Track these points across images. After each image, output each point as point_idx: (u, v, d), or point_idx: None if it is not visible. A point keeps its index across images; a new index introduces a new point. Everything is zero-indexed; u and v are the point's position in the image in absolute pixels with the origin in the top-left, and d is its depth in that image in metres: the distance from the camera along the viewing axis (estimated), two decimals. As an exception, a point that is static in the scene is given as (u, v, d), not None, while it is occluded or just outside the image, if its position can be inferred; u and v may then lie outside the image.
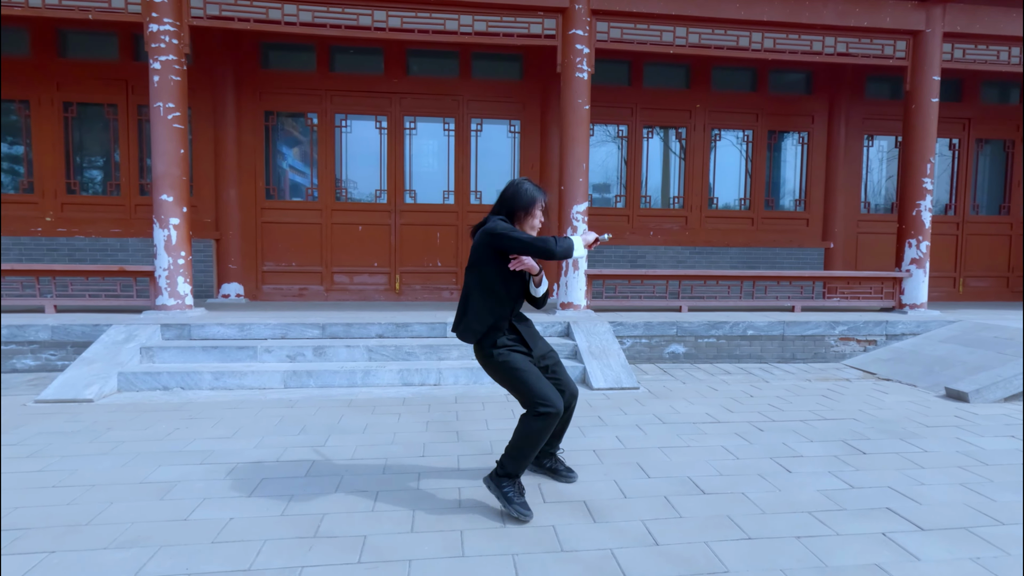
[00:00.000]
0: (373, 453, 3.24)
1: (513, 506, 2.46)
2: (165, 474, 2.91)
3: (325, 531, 2.37)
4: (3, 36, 6.88)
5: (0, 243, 6.94)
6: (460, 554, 2.20)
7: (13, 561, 2.11)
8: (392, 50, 7.45)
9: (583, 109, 6.15)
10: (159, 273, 5.70)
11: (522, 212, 2.58)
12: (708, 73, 8.03)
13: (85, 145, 7.22)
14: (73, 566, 2.09)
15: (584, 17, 6.05)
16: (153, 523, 2.41)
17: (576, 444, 3.42)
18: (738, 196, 8.31)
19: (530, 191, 2.59)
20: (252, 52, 7.25)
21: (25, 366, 5.08)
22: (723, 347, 5.91)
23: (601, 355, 5.15)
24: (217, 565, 2.11)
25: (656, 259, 8.07)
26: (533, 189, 2.60)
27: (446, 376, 4.85)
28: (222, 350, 4.93)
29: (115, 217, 7.17)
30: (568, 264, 6.19)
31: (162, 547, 2.23)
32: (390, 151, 7.58)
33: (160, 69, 5.58)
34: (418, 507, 2.58)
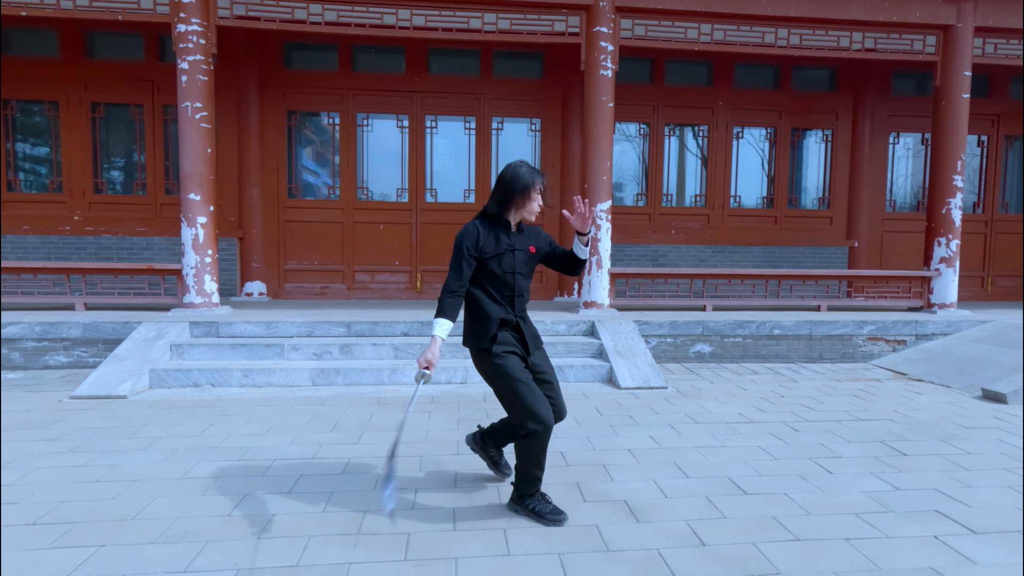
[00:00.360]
0: (408, 451, 3.23)
1: (546, 518, 2.40)
2: (204, 470, 2.93)
3: (368, 528, 2.37)
4: (33, 38, 6.99)
5: (27, 241, 7.05)
6: (505, 552, 2.19)
7: (65, 554, 2.14)
8: (414, 49, 7.46)
9: (607, 107, 6.11)
10: (187, 271, 5.75)
11: (519, 196, 2.44)
12: (731, 70, 7.95)
13: (112, 145, 7.31)
14: (124, 560, 2.10)
15: (608, 14, 6.01)
16: (197, 519, 2.42)
17: (610, 443, 3.39)
18: (761, 194, 8.23)
19: (526, 174, 2.44)
20: (275, 52, 7.29)
21: (57, 363, 5.15)
22: (749, 347, 5.85)
23: (627, 354, 5.11)
24: (265, 561, 2.12)
25: (678, 258, 8.01)
26: (529, 172, 2.45)
27: (472, 374, 4.84)
28: (250, 348, 4.97)
29: (141, 216, 7.25)
30: (592, 262, 6.16)
31: (208, 543, 2.24)
32: (411, 150, 7.60)
33: (188, 69, 5.63)
34: (458, 505, 2.58)
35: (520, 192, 2.44)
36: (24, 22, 6.85)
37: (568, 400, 4.34)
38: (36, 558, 2.11)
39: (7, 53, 6.98)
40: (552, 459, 3.13)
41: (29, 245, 7.06)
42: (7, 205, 7.07)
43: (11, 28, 6.95)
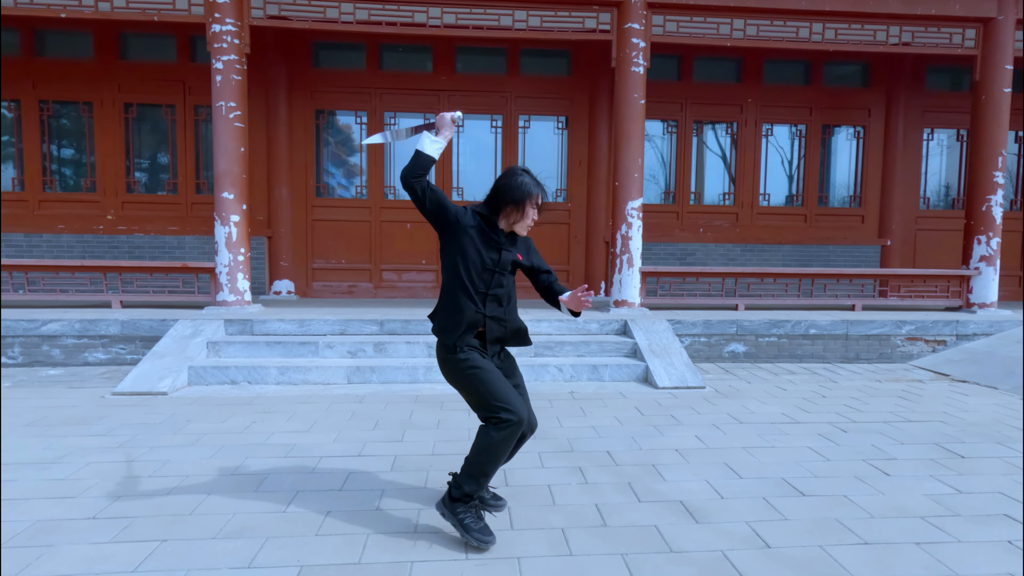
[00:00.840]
0: (453, 449, 3.21)
1: (472, 534, 2.14)
2: (254, 466, 2.94)
3: (424, 526, 2.35)
4: (68, 40, 7.10)
5: (62, 240, 7.16)
6: (567, 552, 2.16)
7: (129, 548, 2.14)
8: (441, 47, 7.46)
9: (638, 104, 6.05)
10: (220, 270, 5.79)
11: (512, 207, 2.20)
12: (760, 67, 7.85)
13: (144, 145, 7.40)
14: (187, 554, 2.11)
15: (640, 11, 5.95)
16: (253, 515, 2.42)
17: (656, 443, 3.35)
18: (790, 192, 8.11)
19: (525, 184, 2.20)
20: (304, 51, 7.33)
21: (96, 359, 5.21)
22: (784, 346, 5.76)
23: (663, 353, 5.05)
24: (326, 558, 2.10)
25: (706, 256, 7.92)
26: (530, 183, 2.21)
27: (507, 373, 4.81)
28: (285, 345, 4.99)
29: (172, 215, 7.33)
30: (623, 261, 6.11)
31: (268, 539, 2.23)
32: (438, 149, 7.58)
33: (222, 69, 5.67)
34: (512, 503, 2.55)
35: (514, 203, 2.20)
36: (60, 24, 6.96)
37: (606, 399, 4.30)
38: (101, 552, 2.12)
39: (43, 55, 7.10)
40: (600, 459, 3.10)
41: (64, 244, 7.17)
42: (43, 204, 7.19)
43: (46, 31, 7.07)
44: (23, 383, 4.61)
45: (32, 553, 2.11)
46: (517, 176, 2.23)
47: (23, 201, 7.17)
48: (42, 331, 5.14)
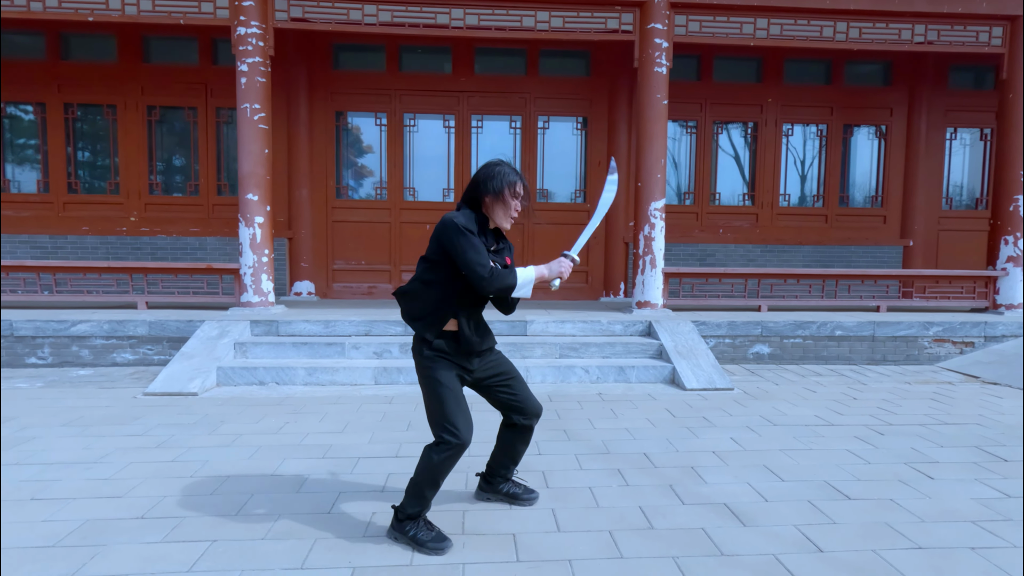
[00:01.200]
0: (487, 450, 3.20)
1: (426, 546, 2.12)
2: (293, 467, 2.95)
3: (471, 527, 2.35)
4: (92, 44, 7.17)
5: (86, 242, 7.24)
6: (618, 555, 2.14)
7: (181, 548, 2.15)
8: (460, 49, 7.46)
9: (661, 104, 6.03)
10: (244, 271, 5.83)
11: (490, 197, 2.14)
12: (780, 66, 7.79)
13: (166, 147, 7.46)
14: (239, 555, 2.11)
15: (663, 11, 5.93)
16: (299, 515, 2.43)
17: (691, 445, 3.33)
18: (811, 192, 8.05)
19: (503, 173, 2.14)
20: (325, 53, 7.36)
21: (124, 360, 5.25)
22: (809, 348, 5.71)
23: (689, 355, 5.03)
24: (376, 559, 2.10)
25: (726, 257, 7.87)
26: (509, 171, 2.16)
27: (533, 374, 4.81)
28: (311, 346, 5.01)
29: (194, 217, 7.38)
30: (646, 261, 6.08)
31: (317, 540, 2.23)
32: (457, 150, 7.60)
33: (247, 71, 5.71)
34: (556, 505, 2.54)
35: (492, 192, 2.13)
36: (84, 28, 7.03)
37: (635, 401, 4.28)
38: (155, 551, 2.13)
39: (67, 59, 7.17)
40: (637, 460, 3.08)
41: (88, 245, 7.24)
42: (67, 206, 7.26)
43: (71, 34, 7.14)
44: (55, 383, 4.65)
45: (86, 552, 2.12)
46: (495, 166, 2.18)
47: (48, 203, 7.24)
48: (72, 332, 5.19)
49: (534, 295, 7.49)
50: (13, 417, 3.73)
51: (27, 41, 7.16)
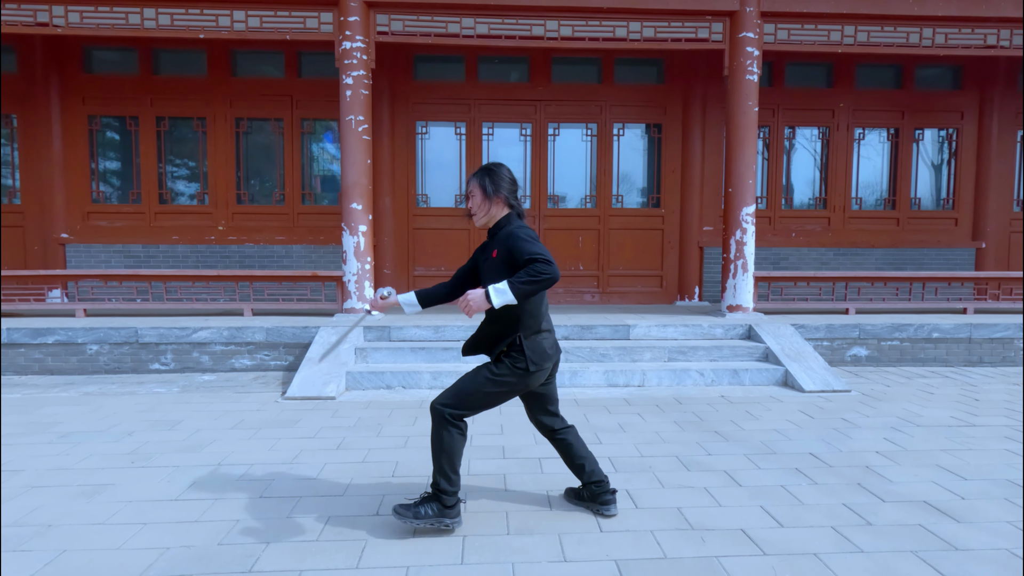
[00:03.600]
0: (658, 451, 3.32)
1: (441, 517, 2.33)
2: (484, 467, 3.07)
3: (698, 524, 2.45)
4: (183, 59, 7.39)
5: (177, 251, 7.44)
6: (857, 549, 2.24)
7: (445, 542, 2.28)
8: (538, 58, 7.61)
9: (752, 112, 6.13)
10: (348, 278, 5.99)
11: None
12: (852, 71, 7.87)
13: (252, 158, 7.66)
14: (488, 549, 2.24)
15: (755, 20, 6.04)
16: (533, 511, 2.55)
17: (849, 445, 3.42)
18: (882, 196, 8.10)
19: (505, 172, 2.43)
20: (405, 64, 7.53)
21: (243, 365, 5.42)
22: (906, 350, 5.78)
23: (797, 357, 5.11)
24: (631, 553, 2.22)
25: (799, 260, 7.94)
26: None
27: (649, 377, 4.91)
28: (428, 351, 5.15)
29: (279, 225, 7.57)
30: (738, 266, 6.18)
31: (562, 534, 2.36)
32: (534, 157, 7.74)
33: (352, 84, 5.88)
34: (764, 502, 2.64)
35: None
36: (176, 44, 7.26)
37: (762, 403, 4.37)
38: (420, 546, 2.26)
39: (159, 74, 7.40)
40: (806, 460, 3.18)
41: (179, 254, 7.45)
42: (158, 216, 7.48)
43: (162, 50, 7.37)
44: (188, 388, 4.82)
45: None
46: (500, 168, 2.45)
47: (140, 213, 7.46)
48: (193, 338, 5.36)
49: (619, 299, 7.37)
50: (179, 421, 3.89)
51: (117, 57, 7.40)
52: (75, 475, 2.96)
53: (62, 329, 5.28)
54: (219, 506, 2.61)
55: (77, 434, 3.60)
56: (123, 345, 5.35)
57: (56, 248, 7.33)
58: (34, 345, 5.28)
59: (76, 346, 5.32)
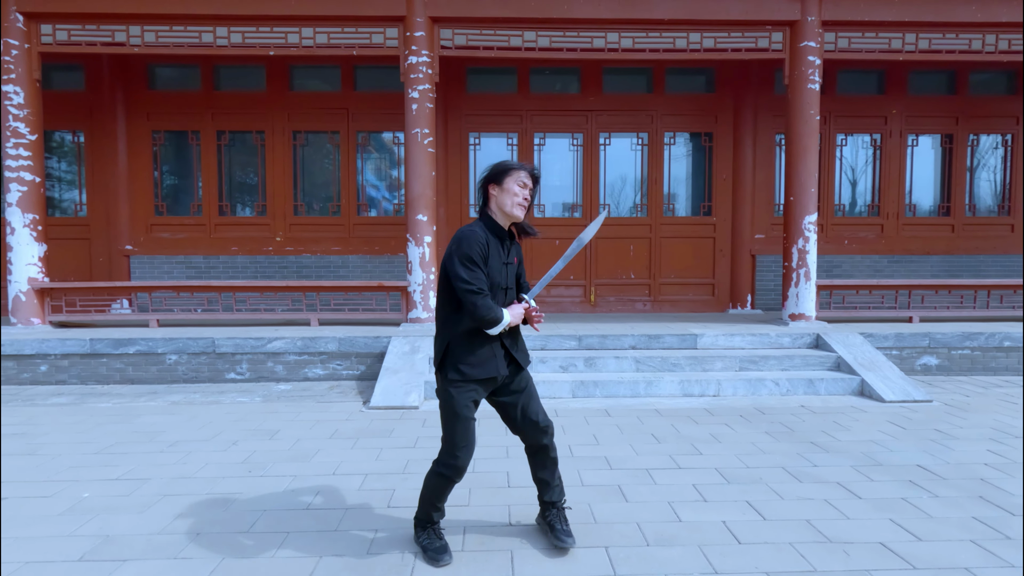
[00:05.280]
0: (762, 462, 3.33)
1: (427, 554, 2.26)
2: (595, 479, 3.11)
3: (835, 537, 2.46)
4: (243, 74, 7.58)
5: (236, 262, 7.60)
6: (1007, 564, 2.24)
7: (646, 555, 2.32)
8: (589, 69, 7.68)
9: (814, 120, 6.14)
10: (413, 288, 6.08)
11: (493, 184, 2.23)
12: (904, 77, 7.84)
13: (308, 170, 7.81)
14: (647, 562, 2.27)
15: (816, 28, 6.06)
16: (667, 523, 2.58)
17: (955, 457, 3.40)
18: (937, 202, 8.03)
19: (507, 163, 2.25)
20: (459, 77, 7.64)
21: (316, 375, 5.52)
22: (977, 359, 5.71)
23: (872, 367, 5.09)
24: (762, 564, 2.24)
25: (852, 268, 7.90)
26: (511, 162, 2.27)
27: (724, 387, 4.92)
28: (500, 361, 5.19)
29: (335, 236, 7.70)
30: (800, 274, 6.16)
31: (704, 546, 2.38)
32: (585, 167, 7.80)
33: (417, 98, 5.99)
34: (893, 515, 2.64)
35: (493, 179, 2.23)
36: (237, 60, 7.44)
37: (847, 413, 4.36)
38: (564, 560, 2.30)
39: (219, 89, 7.59)
40: (918, 472, 3.17)
41: (239, 265, 7.61)
42: (218, 228, 7.65)
43: (223, 66, 7.56)
44: (268, 398, 4.92)
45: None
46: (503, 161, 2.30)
47: (201, 225, 7.64)
48: (267, 348, 5.47)
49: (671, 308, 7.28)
50: (276, 430, 3.98)
51: (180, 73, 7.61)
52: (200, 484, 3.05)
53: (143, 339, 5.42)
54: (353, 516, 2.67)
55: (185, 443, 3.70)
56: (200, 355, 5.48)
57: (121, 260, 7.52)
58: (116, 355, 5.43)
59: (156, 356, 5.45)
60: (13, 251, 5.90)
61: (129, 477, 3.14)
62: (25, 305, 5.94)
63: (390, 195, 7.83)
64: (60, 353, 5.38)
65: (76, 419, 4.24)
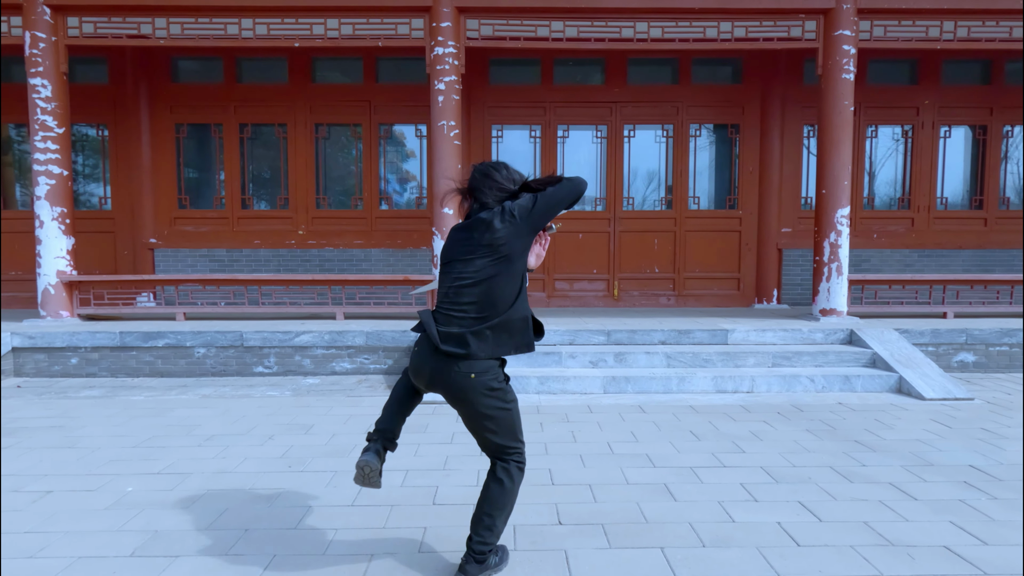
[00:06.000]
0: (807, 461, 3.26)
1: (501, 566, 2.13)
2: (640, 477, 3.06)
3: (896, 540, 2.40)
4: (264, 66, 7.54)
5: (259, 255, 7.60)
6: None
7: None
8: (614, 60, 7.57)
9: (848, 111, 6.00)
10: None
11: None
12: (938, 67, 7.64)
13: (330, 163, 7.78)
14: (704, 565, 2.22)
15: (851, 17, 5.90)
16: (720, 524, 2.52)
17: (1002, 457, 3.31)
18: (969, 195, 7.86)
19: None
20: (481, 69, 7.55)
21: (343, 369, 5.50)
22: (1016, 356, 5.58)
23: (910, 364, 4.98)
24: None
25: (881, 263, 7.75)
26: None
27: (758, 383, 4.84)
28: (529, 356, 5.15)
29: (357, 229, 7.67)
30: (832, 269, 6.05)
31: (762, 547, 2.33)
32: (609, 159, 7.70)
33: (444, 89, 5.92)
34: (955, 518, 2.57)
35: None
36: (258, 52, 7.40)
37: (884, 410, 4.27)
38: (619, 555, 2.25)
39: (241, 81, 7.56)
40: (971, 473, 3.08)
41: (261, 258, 7.60)
42: (241, 221, 7.64)
43: (245, 59, 7.52)
44: (299, 392, 4.91)
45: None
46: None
47: (224, 218, 7.63)
48: (295, 342, 5.46)
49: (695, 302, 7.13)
50: (310, 425, 3.96)
51: (202, 66, 7.59)
52: (242, 479, 3.03)
53: (171, 333, 5.43)
54: (399, 513, 2.63)
55: (221, 437, 3.69)
56: (228, 349, 5.48)
57: (145, 253, 7.55)
58: (145, 348, 5.44)
59: (184, 349, 5.46)
60: (42, 244, 5.92)
61: (170, 471, 3.13)
62: (54, 298, 5.97)
63: (412, 188, 7.78)
64: (90, 346, 5.40)
65: (111, 412, 4.25)
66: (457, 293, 1.98)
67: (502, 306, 1.96)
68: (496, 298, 1.95)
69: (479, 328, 1.95)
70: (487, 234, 1.96)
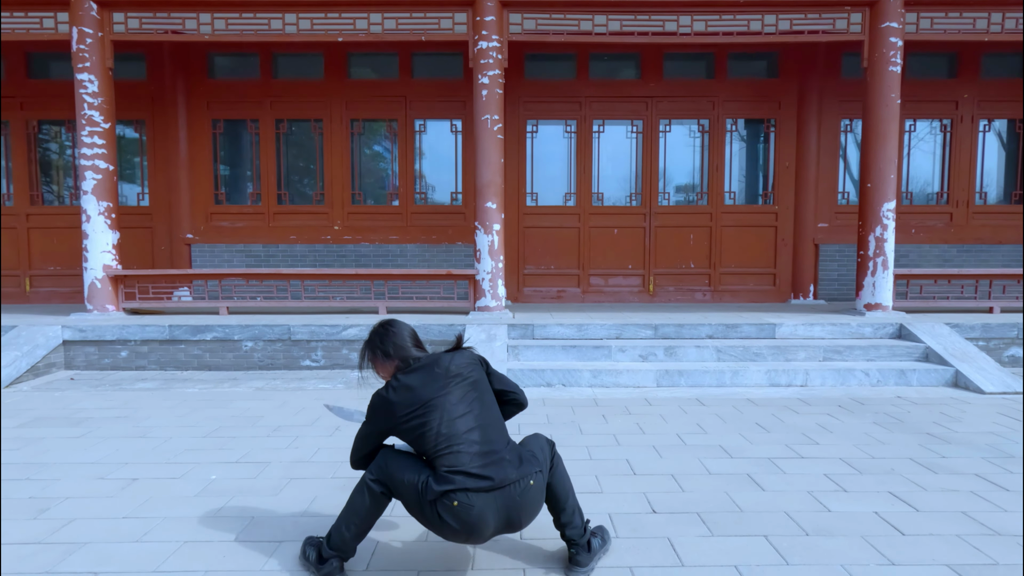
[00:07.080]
0: (884, 452, 3.23)
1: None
2: (720, 467, 3.04)
3: (1001, 529, 2.37)
4: (300, 62, 7.56)
5: (295, 250, 7.62)
6: None
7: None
8: (649, 54, 7.54)
9: (895, 104, 5.95)
10: (482, 276, 6.03)
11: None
12: (977, 60, 7.56)
13: (366, 158, 7.79)
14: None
15: (898, 8, 5.85)
16: (817, 513, 2.50)
17: (1087, 450, 3.27)
18: (1010, 189, 7.77)
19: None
20: (517, 64, 7.52)
21: (390, 362, 5.50)
22: (1068, 351, 5.52)
23: (965, 358, 4.93)
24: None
25: (920, 258, 7.68)
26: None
27: (812, 377, 4.81)
28: (579, 349, 5.14)
29: (392, 225, 7.68)
30: (878, 263, 6.00)
31: (868, 536, 2.30)
32: (644, 154, 7.67)
33: (487, 84, 5.91)
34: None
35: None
36: (294, 48, 7.42)
37: (947, 404, 4.22)
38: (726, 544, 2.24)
39: (278, 77, 7.58)
40: (1056, 465, 3.05)
41: (297, 254, 7.63)
42: (276, 217, 7.67)
43: (281, 54, 7.55)
44: (350, 384, 4.91)
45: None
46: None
47: (260, 214, 7.66)
48: (342, 336, 5.47)
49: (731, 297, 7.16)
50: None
51: (238, 62, 7.62)
52: (321, 468, 3.03)
53: (219, 326, 5.45)
54: (489, 501, 2.63)
55: (287, 428, 3.70)
56: (276, 342, 5.49)
57: (182, 248, 7.59)
58: (194, 341, 5.47)
59: (232, 343, 5.48)
60: (89, 239, 5.96)
61: (248, 460, 3.14)
62: (101, 292, 6.01)
63: (447, 184, 7.77)
64: (140, 339, 5.43)
65: (171, 404, 4.27)
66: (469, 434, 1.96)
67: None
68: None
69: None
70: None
